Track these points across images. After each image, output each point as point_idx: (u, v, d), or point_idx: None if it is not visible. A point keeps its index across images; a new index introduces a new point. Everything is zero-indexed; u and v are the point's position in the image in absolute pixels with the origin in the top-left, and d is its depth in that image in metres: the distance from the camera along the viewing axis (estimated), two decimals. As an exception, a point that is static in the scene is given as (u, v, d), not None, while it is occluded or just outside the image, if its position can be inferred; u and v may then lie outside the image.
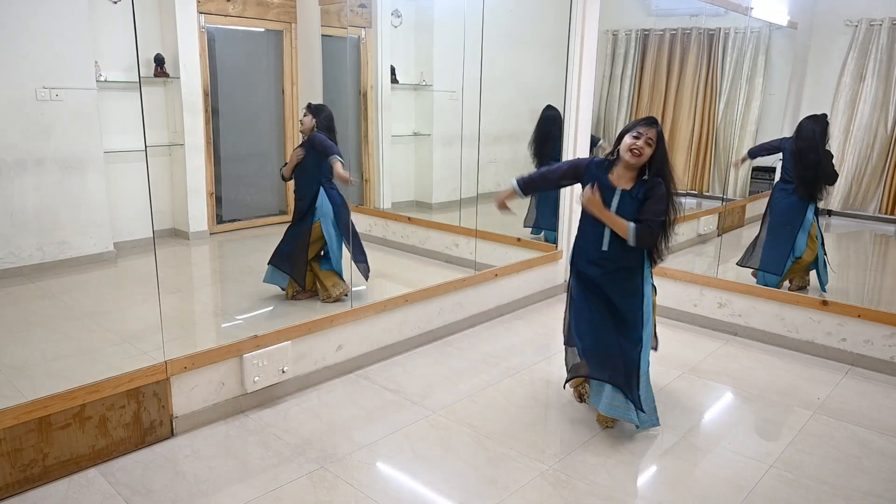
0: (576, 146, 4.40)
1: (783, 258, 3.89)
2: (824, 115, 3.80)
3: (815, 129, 3.77)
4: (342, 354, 3.23)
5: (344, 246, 3.69)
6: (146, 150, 3.05)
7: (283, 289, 3.66)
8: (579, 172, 2.66)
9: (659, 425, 2.71)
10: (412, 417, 2.82)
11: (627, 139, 2.50)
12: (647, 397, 2.66)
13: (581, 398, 2.96)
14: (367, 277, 3.71)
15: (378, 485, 2.35)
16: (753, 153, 4.31)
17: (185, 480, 2.33)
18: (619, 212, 2.54)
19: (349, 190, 5.32)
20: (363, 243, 3.74)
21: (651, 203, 2.51)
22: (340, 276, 3.68)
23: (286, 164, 3.70)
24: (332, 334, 3.17)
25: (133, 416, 2.49)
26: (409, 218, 5.08)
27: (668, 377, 3.28)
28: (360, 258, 3.68)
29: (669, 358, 3.54)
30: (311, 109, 3.62)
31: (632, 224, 2.50)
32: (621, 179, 2.56)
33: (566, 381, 2.89)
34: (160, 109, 4.77)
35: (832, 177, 3.89)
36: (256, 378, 2.82)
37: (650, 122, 2.52)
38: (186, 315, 3.39)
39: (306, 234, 3.57)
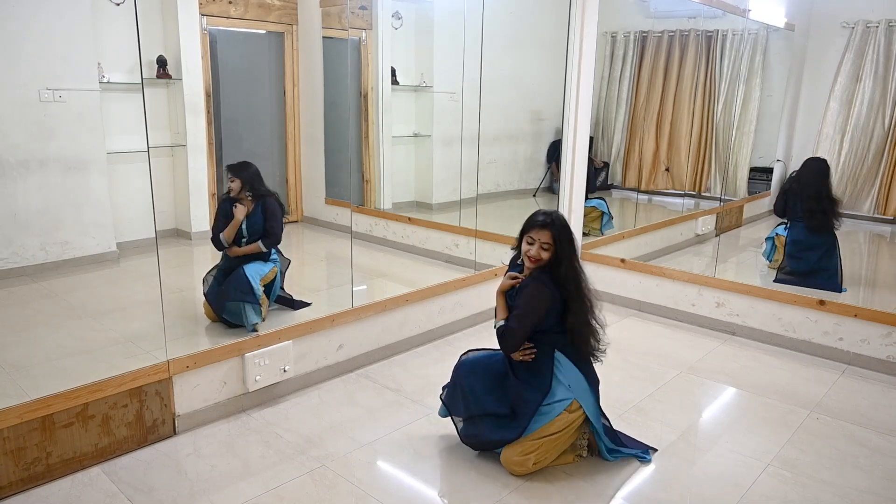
0: (575, 147, 4.42)
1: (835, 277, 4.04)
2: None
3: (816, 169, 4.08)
4: (343, 354, 3.26)
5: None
6: (148, 151, 3.06)
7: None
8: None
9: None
10: (412, 416, 2.84)
11: (525, 245, 2.39)
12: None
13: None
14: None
15: (379, 483, 2.37)
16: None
17: (187, 479, 2.36)
18: None
19: (350, 190, 5.36)
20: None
21: (515, 305, 2.39)
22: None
23: (220, 222, 3.32)
24: (333, 334, 3.19)
25: (135, 415, 2.52)
26: (409, 218, 5.10)
27: (666, 376, 3.30)
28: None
29: (668, 357, 3.56)
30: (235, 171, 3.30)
31: (501, 322, 2.42)
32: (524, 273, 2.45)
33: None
34: (162, 110, 4.79)
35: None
36: (258, 377, 2.84)
37: (544, 223, 2.35)
38: (188, 315, 3.41)
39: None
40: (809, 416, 2.92)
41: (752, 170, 5.00)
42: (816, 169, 4.10)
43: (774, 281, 4.11)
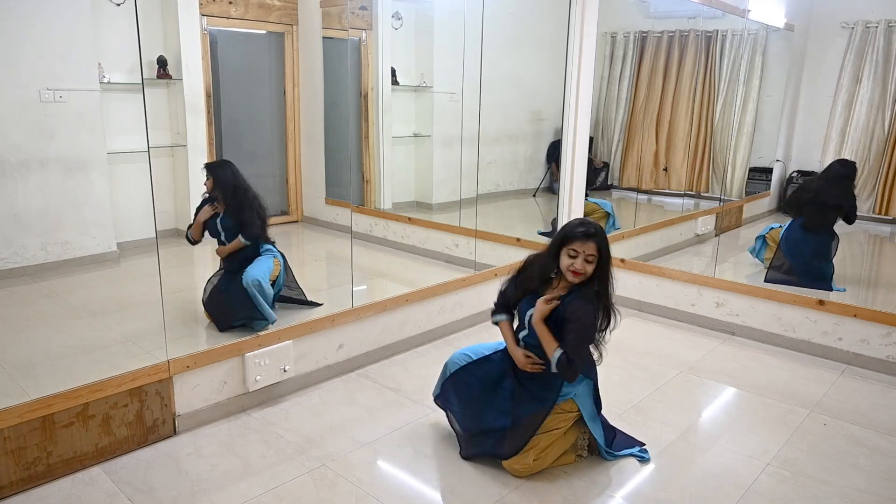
0: (575, 147, 4.43)
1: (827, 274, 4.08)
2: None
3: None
4: (343, 353, 3.26)
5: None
6: (149, 151, 3.06)
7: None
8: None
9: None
10: (413, 416, 2.84)
11: (564, 258, 2.28)
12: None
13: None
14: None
15: (379, 483, 2.38)
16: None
17: (187, 478, 2.36)
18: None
19: (350, 190, 5.37)
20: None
21: (570, 329, 2.25)
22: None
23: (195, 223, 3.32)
24: (333, 334, 3.19)
25: (136, 415, 2.52)
26: (409, 218, 5.10)
27: (666, 376, 3.31)
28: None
29: (668, 357, 3.56)
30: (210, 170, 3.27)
31: (557, 351, 2.26)
32: (556, 291, 2.36)
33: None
34: (163, 111, 4.79)
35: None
36: (258, 377, 2.84)
37: (587, 234, 2.24)
38: (189, 314, 3.42)
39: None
40: (809, 416, 2.93)
41: (752, 170, 5.01)
42: (841, 173, 4.05)
43: (765, 280, 4.10)
